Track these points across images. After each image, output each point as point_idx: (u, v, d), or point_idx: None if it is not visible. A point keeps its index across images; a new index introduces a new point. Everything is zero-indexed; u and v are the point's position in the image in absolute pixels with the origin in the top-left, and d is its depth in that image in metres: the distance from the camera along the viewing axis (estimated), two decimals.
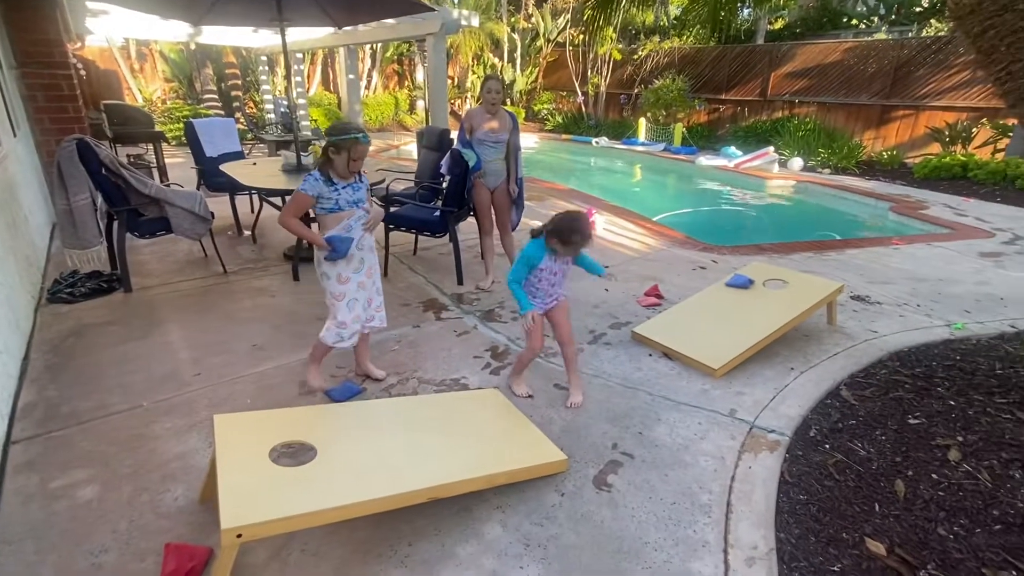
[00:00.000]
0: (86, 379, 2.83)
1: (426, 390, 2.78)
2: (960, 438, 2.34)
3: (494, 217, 4.16)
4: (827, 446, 2.37)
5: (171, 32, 8.16)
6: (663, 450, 2.32)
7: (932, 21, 12.85)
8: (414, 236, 4.76)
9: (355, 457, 1.93)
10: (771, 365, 3.01)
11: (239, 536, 1.51)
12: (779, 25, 15.12)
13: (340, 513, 1.70)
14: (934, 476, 2.13)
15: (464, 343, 3.31)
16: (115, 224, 3.93)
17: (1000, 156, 8.69)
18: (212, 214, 4.25)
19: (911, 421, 2.49)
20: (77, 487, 2.09)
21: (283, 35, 4.35)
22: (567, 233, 2.38)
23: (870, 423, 2.51)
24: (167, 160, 7.95)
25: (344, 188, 2.50)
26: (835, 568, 1.77)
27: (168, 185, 5.44)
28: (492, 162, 3.95)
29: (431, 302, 3.89)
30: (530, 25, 17.03)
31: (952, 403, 2.61)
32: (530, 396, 2.71)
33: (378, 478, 1.84)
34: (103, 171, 3.75)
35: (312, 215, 2.61)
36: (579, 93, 15.64)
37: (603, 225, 5.92)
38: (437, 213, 4.14)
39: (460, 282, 4.15)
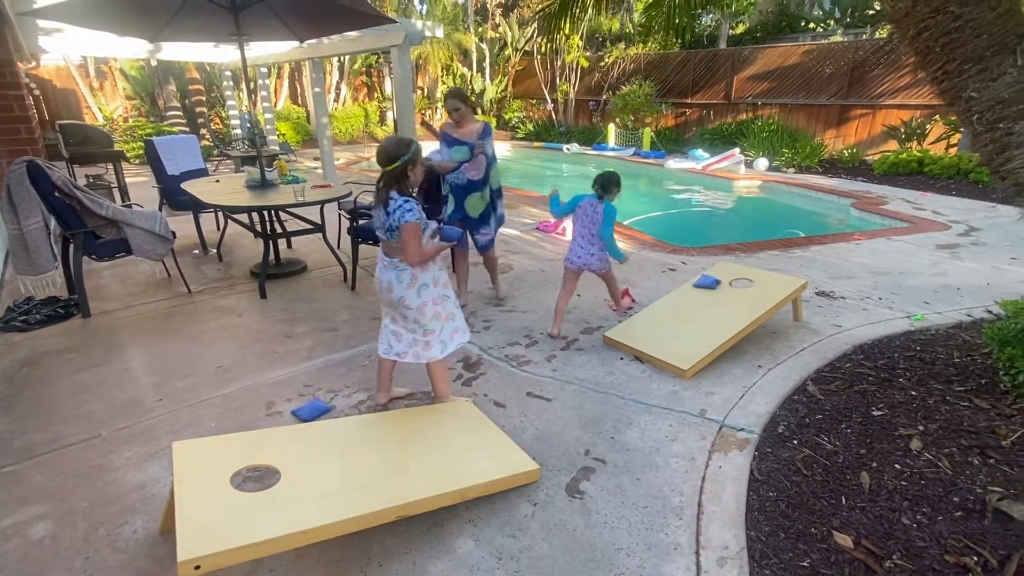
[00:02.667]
0: (41, 410, 2.72)
1: (397, 405, 2.74)
2: (921, 427, 2.40)
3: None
4: (795, 442, 2.40)
5: (129, 49, 7.98)
6: (635, 454, 2.33)
7: (885, 24, 13.33)
8: None
9: (320, 478, 1.88)
10: (740, 363, 3.05)
11: (197, 568, 1.46)
12: (740, 30, 15.51)
13: (304, 538, 1.65)
14: (897, 466, 2.17)
15: None
16: (72, 247, 3.81)
17: (953, 151, 9.04)
18: (173, 234, 4.15)
19: (875, 413, 2.55)
20: (29, 524, 2.00)
21: (242, 50, 4.29)
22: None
23: (836, 417, 2.55)
24: (130, 180, 7.76)
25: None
26: (804, 563, 1.78)
27: (129, 205, 5.32)
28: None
29: None
30: (498, 35, 17.16)
31: (913, 393, 2.68)
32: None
33: (344, 499, 1.80)
34: (56, 193, 3.63)
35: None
36: (549, 101, 15.79)
37: None
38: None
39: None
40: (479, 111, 17.35)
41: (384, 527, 1.89)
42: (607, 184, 3.29)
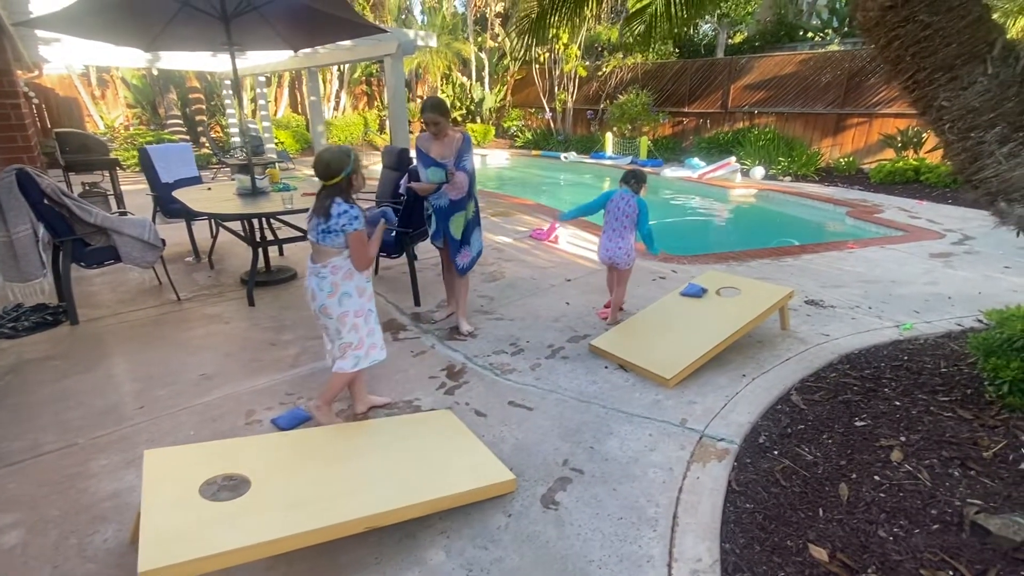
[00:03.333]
0: (21, 418, 2.72)
1: (376, 413, 2.73)
2: (903, 438, 2.37)
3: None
4: (775, 452, 2.38)
5: (130, 58, 8.06)
6: (613, 464, 2.31)
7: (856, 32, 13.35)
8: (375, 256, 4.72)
9: (291, 488, 1.87)
10: (724, 372, 3.03)
11: None
12: (738, 39, 15.59)
13: (270, 548, 1.64)
14: (876, 478, 2.15)
15: (420, 363, 3.27)
16: (61, 255, 3.82)
17: None
18: (163, 241, 4.16)
19: (857, 423, 2.53)
20: (1, 533, 1.99)
21: (233, 59, 4.33)
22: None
23: (818, 427, 2.53)
24: (126, 187, 7.80)
25: None
26: None
27: (123, 213, 5.34)
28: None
29: (388, 323, 3.84)
30: (497, 44, 17.28)
31: (897, 403, 2.66)
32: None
33: (314, 509, 1.78)
34: (45, 201, 3.65)
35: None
36: (547, 109, 15.86)
37: (566, 238, 5.96)
38: (393, 234, 4.11)
39: (417, 303, 4.12)
40: (478, 119, 17.45)
41: (356, 537, 1.87)
42: (640, 179, 3.58)
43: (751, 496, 2.12)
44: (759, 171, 10.20)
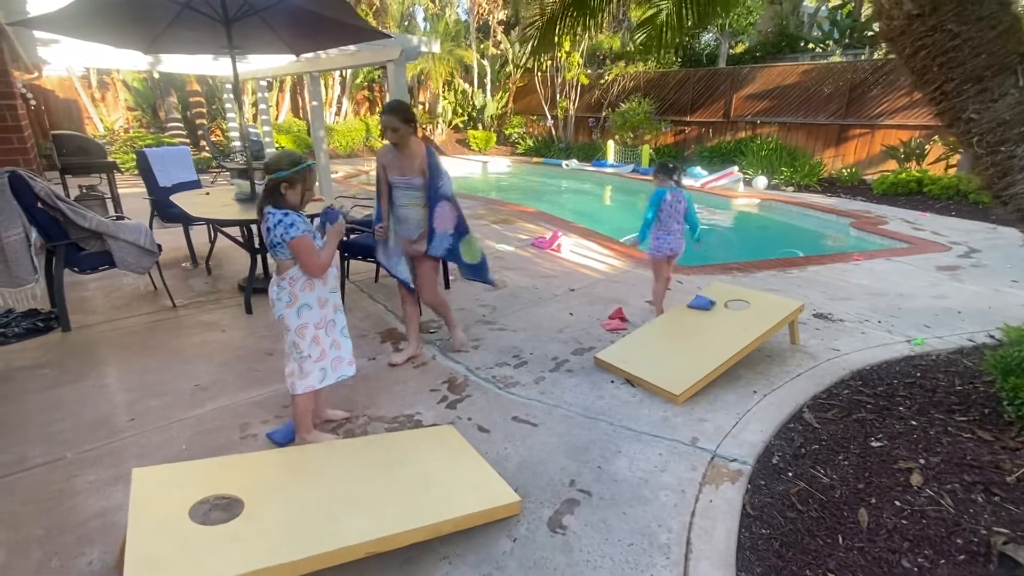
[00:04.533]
0: (7, 430, 2.62)
1: (377, 428, 2.64)
2: (922, 460, 2.29)
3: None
4: (790, 474, 2.29)
5: (130, 61, 7.99)
6: (622, 485, 2.22)
7: (883, 45, 13.42)
8: (375, 264, 4.64)
9: (286, 511, 1.78)
10: (734, 389, 2.95)
11: None
12: (740, 49, 15.62)
13: None
14: (897, 503, 2.06)
15: (421, 375, 3.18)
16: (54, 260, 3.73)
17: (952, 171, 9.01)
18: (159, 247, 4.07)
19: (873, 444, 2.44)
20: None
21: (234, 62, 4.26)
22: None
23: (833, 447, 2.45)
24: (124, 191, 7.71)
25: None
26: None
27: (120, 217, 5.25)
28: (404, 207, 3.07)
29: (389, 332, 3.76)
30: (499, 52, 17.29)
31: (914, 423, 2.58)
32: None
33: (311, 534, 1.69)
34: (39, 204, 3.56)
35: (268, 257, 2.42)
36: (549, 117, 15.85)
37: (569, 247, 5.89)
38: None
39: (419, 312, 4.02)
40: (480, 125, 17.42)
41: (354, 563, 1.78)
42: (677, 171, 3.81)
43: (767, 521, 2.03)
44: (761, 181, 10.16)
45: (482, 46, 17.18)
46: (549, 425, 2.66)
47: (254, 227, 4.40)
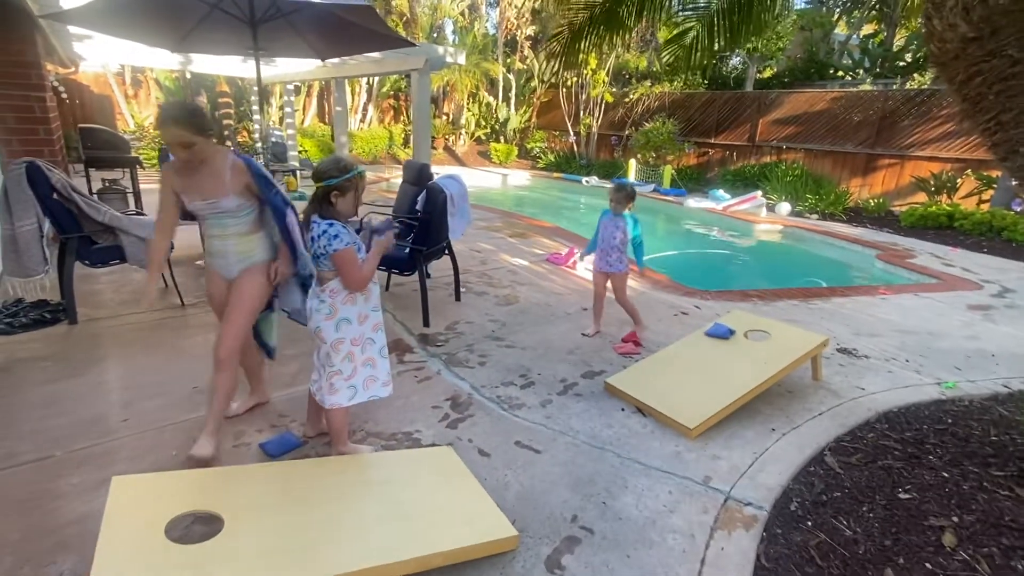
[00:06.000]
0: (1, 423, 2.57)
1: (373, 444, 2.53)
2: (955, 518, 2.11)
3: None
4: (809, 523, 2.13)
5: (161, 60, 8.14)
6: (627, 524, 2.08)
7: (915, 75, 13.19)
8: (387, 272, 4.57)
9: (266, 533, 1.68)
10: (751, 425, 2.79)
11: None
12: (768, 74, 15.50)
13: None
14: (928, 565, 1.89)
15: (424, 391, 3.07)
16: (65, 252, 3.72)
17: (985, 207, 8.72)
18: (172, 244, 4.04)
19: (901, 495, 2.27)
20: None
21: (257, 64, 4.27)
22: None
23: (856, 496, 2.28)
24: (146, 186, 7.80)
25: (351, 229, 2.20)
26: None
27: (140, 212, 5.27)
28: (215, 238, 2.38)
29: (396, 343, 3.67)
30: (525, 67, 17.37)
31: (945, 475, 2.40)
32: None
33: (289, 561, 1.59)
34: (54, 195, 3.56)
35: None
36: (571, 133, 15.83)
37: (584, 265, 5.76)
38: (407, 250, 3.96)
39: (427, 324, 3.94)
40: (502, 138, 17.42)
41: None
42: (626, 193, 3.72)
43: None
44: (785, 207, 9.96)
45: (509, 60, 17.28)
46: (553, 453, 2.53)
47: None
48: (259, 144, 11.00)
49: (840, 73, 14.41)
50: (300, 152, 12.78)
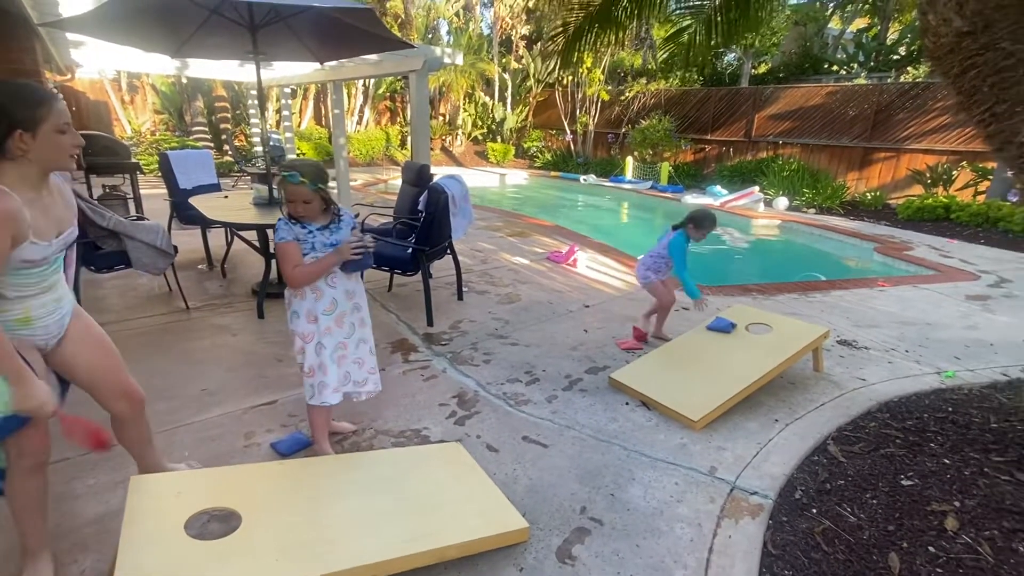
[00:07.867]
0: None
1: (382, 442, 2.56)
2: (957, 503, 2.15)
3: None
4: (814, 510, 2.17)
5: (159, 65, 8.16)
6: (636, 515, 2.12)
7: (909, 68, 13.25)
8: (389, 273, 4.61)
9: (284, 528, 1.71)
10: (754, 416, 2.83)
11: None
12: (763, 69, 15.54)
13: None
14: (931, 549, 1.93)
15: (430, 389, 3.11)
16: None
17: (982, 198, 8.78)
18: (175, 248, 4.07)
19: (904, 482, 2.31)
20: None
21: (258, 68, 4.29)
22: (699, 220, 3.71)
23: (860, 484, 2.32)
24: (146, 191, 7.82)
25: (319, 231, 2.22)
26: None
27: (141, 218, 5.29)
28: (56, 286, 1.74)
29: (400, 343, 3.70)
30: (521, 66, 17.41)
31: (947, 461, 2.44)
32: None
33: (310, 553, 1.62)
34: None
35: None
36: (568, 131, 15.86)
37: (585, 263, 5.80)
38: (409, 250, 3.99)
39: (430, 323, 3.97)
40: (499, 138, 17.46)
41: None
42: (696, 222, 3.88)
43: (790, 562, 1.91)
44: (782, 201, 10.01)
45: (504, 60, 17.31)
46: (560, 447, 2.56)
47: (270, 232, 4.40)
48: (258, 148, 11.01)
49: (835, 68, 14.47)
50: (298, 155, 12.79)
